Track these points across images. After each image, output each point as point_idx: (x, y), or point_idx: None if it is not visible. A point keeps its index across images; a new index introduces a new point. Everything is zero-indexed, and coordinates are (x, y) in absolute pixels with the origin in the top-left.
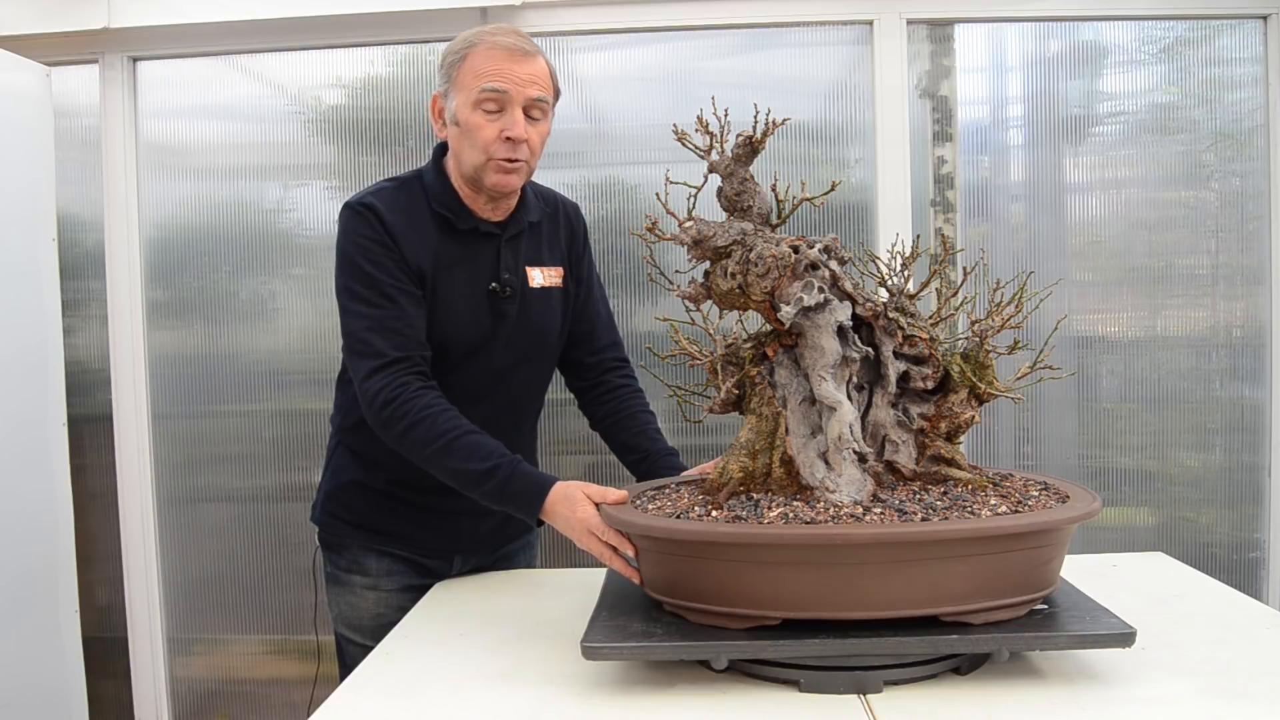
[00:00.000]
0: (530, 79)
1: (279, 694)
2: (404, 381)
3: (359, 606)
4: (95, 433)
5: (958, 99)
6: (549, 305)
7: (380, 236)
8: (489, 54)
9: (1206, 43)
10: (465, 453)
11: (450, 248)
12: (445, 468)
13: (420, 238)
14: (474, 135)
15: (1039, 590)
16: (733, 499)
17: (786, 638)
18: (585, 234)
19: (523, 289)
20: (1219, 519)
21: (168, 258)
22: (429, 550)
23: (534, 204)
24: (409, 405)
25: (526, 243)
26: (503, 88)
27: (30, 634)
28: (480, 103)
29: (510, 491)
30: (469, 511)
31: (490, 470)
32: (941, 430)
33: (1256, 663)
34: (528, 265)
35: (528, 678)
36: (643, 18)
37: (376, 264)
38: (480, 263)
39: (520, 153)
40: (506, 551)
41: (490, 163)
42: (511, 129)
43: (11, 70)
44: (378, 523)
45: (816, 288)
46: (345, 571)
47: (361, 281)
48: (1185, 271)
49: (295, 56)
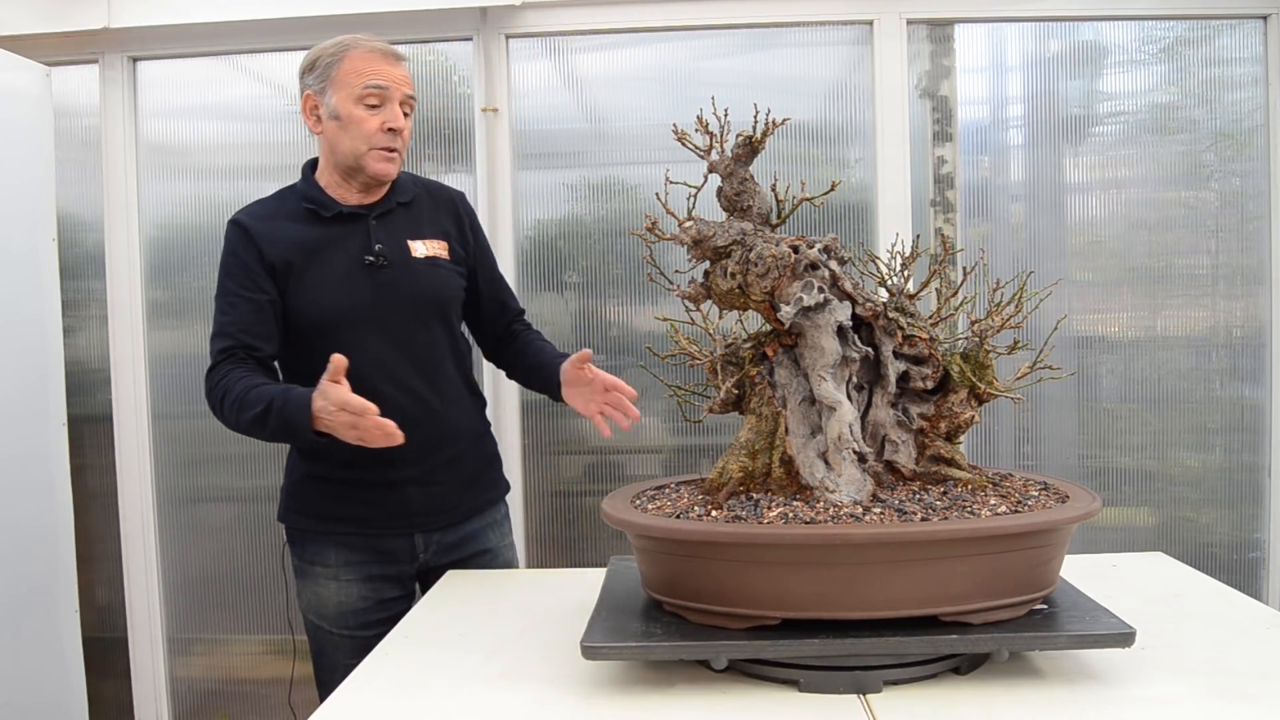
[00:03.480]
0: (404, 79)
1: (279, 694)
2: (221, 371)
3: (322, 595)
4: (95, 433)
5: (958, 99)
6: (438, 272)
7: (236, 247)
8: (367, 56)
9: (1206, 43)
10: (249, 402)
11: (316, 235)
12: (243, 423)
13: (282, 234)
14: (357, 127)
15: (1039, 590)
16: (732, 499)
17: (786, 638)
18: (473, 218)
19: (403, 259)
20: (1219, 519)
21: (168, 258)
22: (384, 528)
23: (407, 185)
24: (219, 385)
25: (402, 219)
26: (385, 84)
27: (30, 634)
28: (363, 98)
29: (285, 419)
30: (415, 480)
31: (265, 409)
32: (941, 430)
33: (1256, 663)
34: (408, 239)
35: (528, 678)
36: (643, 18)
37: (230, 275)
38: (351, 241)
39: (396, 143)
40: (471, 531)
41: (371, 151)
42: (393, 121)
43: (11, 70)
44: (331, 510)
45: (816, 288)
46: (309, 564)
47: (219, 293)
48: (1185, 271)
49: (295, 56)
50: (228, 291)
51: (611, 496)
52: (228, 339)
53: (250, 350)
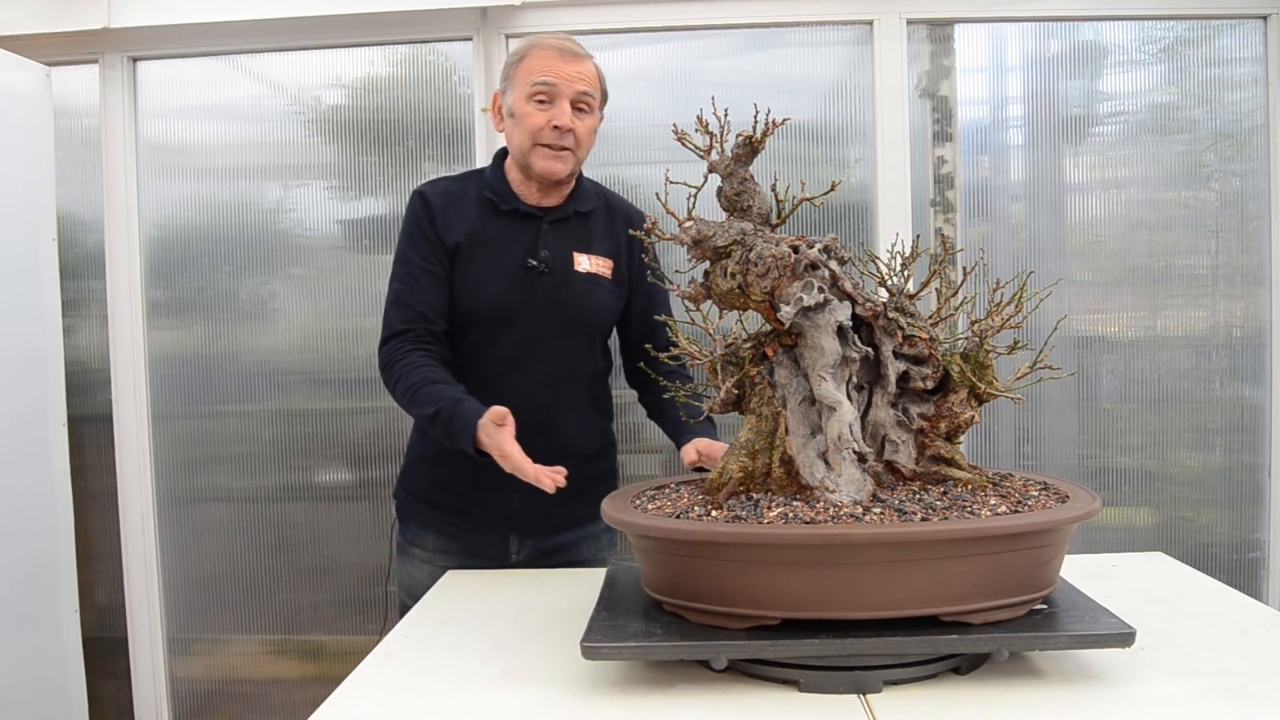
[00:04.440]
0: (578, 75)
1: (279, 694)
2: (401, 347)
3: (416, 577)
4: (95, 433)
5: (958, 99)
6: (594, 291)
7: (419, 217)
8: (543, 54)
9: (1206, 43)
10: (423, 400)
11: (489, 226)
12: (414, 415)
13: (459, 216)
14: (525, 122)
15: (1039, 590)
16: (732, 499)
17: (786, 638)
18: (643, 244)
19: (565, 269)
20: (1219, 519)
21: (168, 258)
22: (482, 524)
23: (590, 196)
24: (397, 366)
25: (575, 229)
26: (552, 81)
27: (30, 634)
28: (533, 95)
29: (451, 430)
30: (520, 489)
31: (435, 414)
32: (941, 430)
33: (1256, 663)
34: (575, 250)
35: (528, 678)
36: (643, 18)
37: (413, 245)
38: (519, 240)
39: (566, 141)
40: (567, 540)
41: (537, 148)
42: (559, 118)
43: (11, 70)
44: (434, 496)
45: (816, 288)
46: (409, 544)
47: (399, 260)
48: (1185, 271)
49: (295, 56)
50: (409, 261)
51: (611, 496)
52: (407, 310)
53: (428, 324)
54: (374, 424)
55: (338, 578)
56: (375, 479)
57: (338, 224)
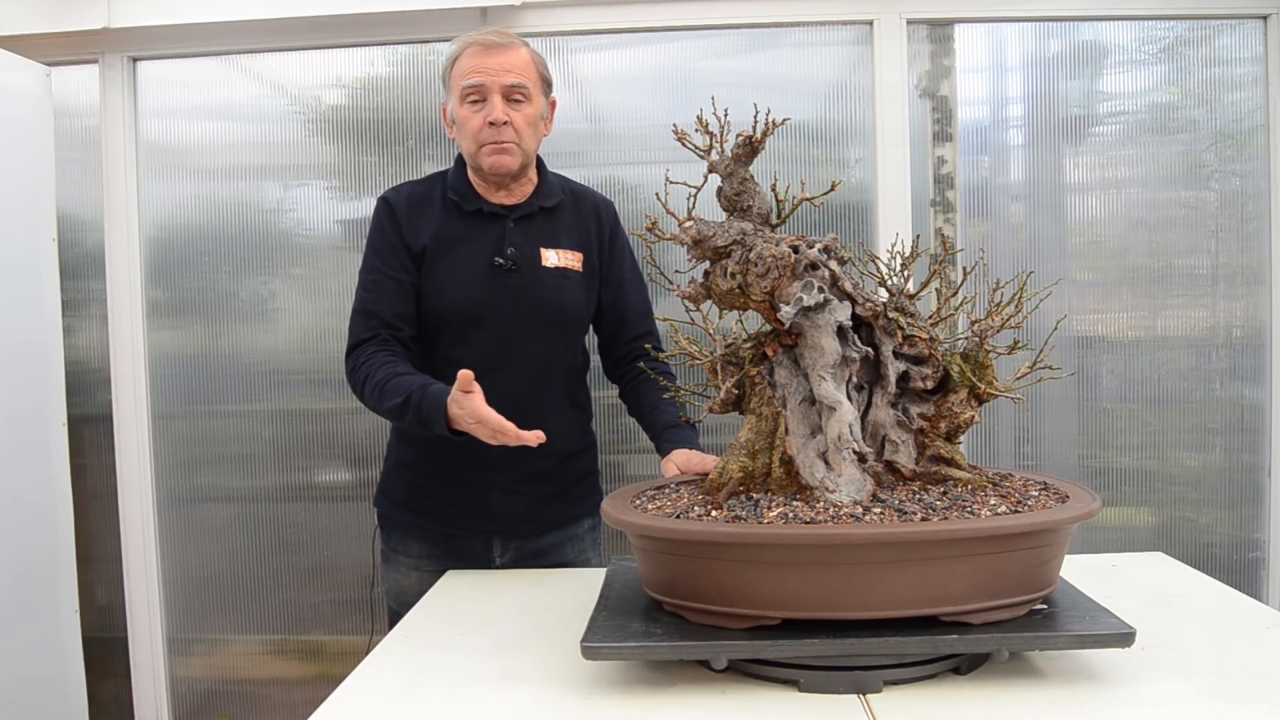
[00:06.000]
0: (503, 68)
1: (279, 694)
2: (366, 352)
3: (403, 584)
4: (95, 433)
5: (958, 99)
6: (565, 285)
7: (384, 224)
8: (470, 54)
9: (1206, 43)
10: (390, 392)
11: (455, 227)
12: (384, 410)
13: (425, 219)
14: (464, 127)
15: (1039, 590)
16: (732, 499)
17: (786, 638)
18: (615, 230)
19: (533, 266)
20: (1219, 519)
21: (168, 258)
22: (465, 528)
23: (555, 191)
24: (362, 369)
25: (541, 224)
26: (478, 81)
27: (30, 634)
28: (465, 98)
29: (422, 412)
30: (500, 488)
31: (404, 401)
32: (941, 430)
33: (1256, 663)
34: (542, 246)
35: (528, 678)
36: (643, 18)
37: (377, 252)
38: (484, 240)
39: (505, 135)
40: (550, 543)
41: (481, 149)
42: (490, 114)
43: (11, 70)
44: (416, 503)
45: (816, 288)
46: (393, 551)
47: (365, 268)
48: (1185, 271)
49: (295, 56)
50: (373, 269)
51: (612, 496)
52: (371, 318)
53: (393, 331)
54: (374, 424)
55: (338, 578)
56: (375, 479)
57: (338, 224)
